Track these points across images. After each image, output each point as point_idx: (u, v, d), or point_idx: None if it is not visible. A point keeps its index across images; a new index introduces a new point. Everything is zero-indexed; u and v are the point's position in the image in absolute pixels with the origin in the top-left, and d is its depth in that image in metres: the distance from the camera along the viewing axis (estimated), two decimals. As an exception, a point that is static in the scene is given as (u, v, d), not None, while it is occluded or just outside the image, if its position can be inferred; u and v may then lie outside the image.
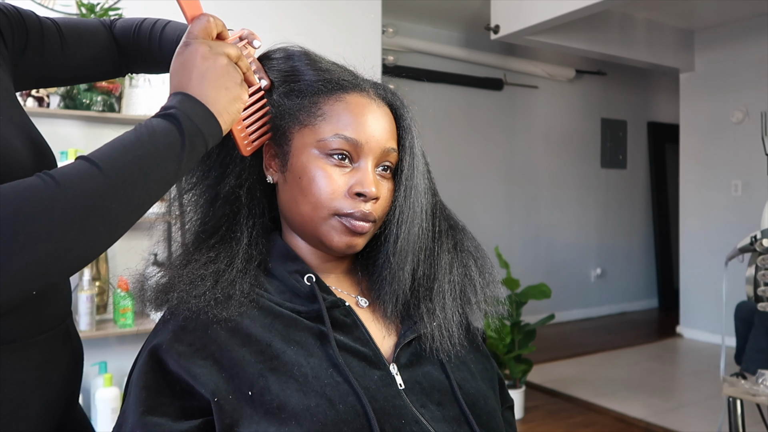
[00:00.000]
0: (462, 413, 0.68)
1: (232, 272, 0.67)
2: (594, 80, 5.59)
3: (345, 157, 0.68)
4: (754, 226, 1.85)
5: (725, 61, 4.55)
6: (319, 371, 0.63)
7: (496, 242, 4.03)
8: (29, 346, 0.67)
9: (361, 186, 0.67)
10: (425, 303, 0.72)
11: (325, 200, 0.68)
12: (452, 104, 4.73)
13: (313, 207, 0.68)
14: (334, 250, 0.70)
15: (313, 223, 0.69)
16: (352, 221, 0.68)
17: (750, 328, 2.24)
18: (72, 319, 0.78)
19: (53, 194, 0.52)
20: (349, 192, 0.68)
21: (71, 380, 0.75)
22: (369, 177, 0.68)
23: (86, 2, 2.27)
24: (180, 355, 0.61)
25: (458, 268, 0.75)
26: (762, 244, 1.55)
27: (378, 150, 0.69)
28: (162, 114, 0.62)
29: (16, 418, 0.66)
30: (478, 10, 4.14)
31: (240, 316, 0.64)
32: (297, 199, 0.69)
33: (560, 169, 5.39)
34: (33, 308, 0.67)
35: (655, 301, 6.02)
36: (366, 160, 0.69)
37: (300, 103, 0.71)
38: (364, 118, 0.69)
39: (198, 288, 0.64)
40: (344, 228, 0.68)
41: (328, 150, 0.68)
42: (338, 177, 0.68)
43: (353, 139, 0.68)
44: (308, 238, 0.72)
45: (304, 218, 0.69)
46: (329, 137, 0.68)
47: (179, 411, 0.60)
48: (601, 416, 3.13)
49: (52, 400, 0.70)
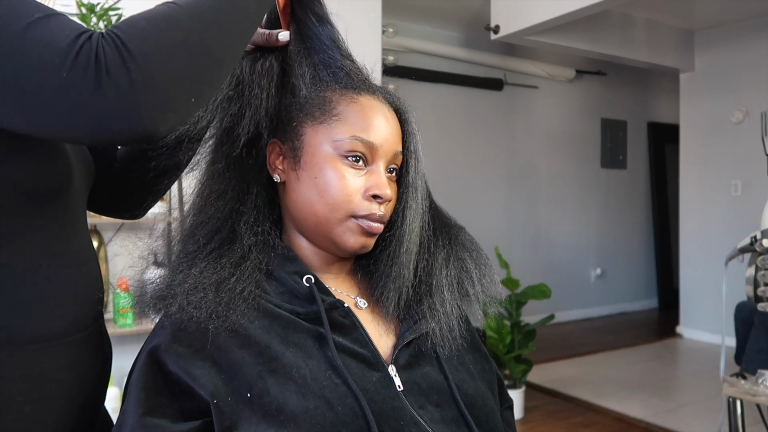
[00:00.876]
0: (461, 414, 0.68)
1: (234, 281, 0.66)
2: (594, 80, 5.59)
3: (359, 158, 0.69)
4: (754, 226, 1.85)
5: (725, 61, 4.54)
6: (318, 373, 0.63)
7: (496, 242, 4.03)
8: (67, 345, 0.68)
9: (378, 189, 0.69)
10: (427, 300, 0.73)
11: (343, 202, 0.68)
12: (452, 104, 4.73)
13: (330, 208, 0.68)
14: (348, 251, 0.71)
15: (328, 224, 0.69)
16: (369, 223, 0.69)
17: (750, 328, 2.24)
18: (103, 320, 0.79)
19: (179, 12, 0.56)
20: (365, 194, 0.69)
21: (103, 380, 0.76)
22: (384, 180, 0.70)
23: (86, 2, 2.27)
24: (179, 356, 0.61)
25: (454, 261, 0.77)
26: (762, 244, 1.55)
27: (390, 153, 0.71)
28: None
29: (53, 417, 0.67)
30: (478, 10, 4.14)
31: (239, 317, 0.64)
32: (312, 200, 0.69)
33: (560, 170, 5.39)
34: (71, 307, 0.68)
35: (655, 301, 6.01)
36: (379, 162, 0.70)
37: (311, 96, 0.71)
38: (378, 122, 0.70)
39: (198, 298, 0.63)
40: (360, 229, 0.69)
41: (344, 151, 0.69)
42: (354, 179, 0.69)
43: (369, 142, 0.69)
44: (319, 239, 0.72)
45: (319, 219, 0.69)
46: (346, 138, 0.68)
47: (179, 412, 0.60)
48: (601, 416, 3.13)
49: (87, 399, 0.71)
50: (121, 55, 0.51)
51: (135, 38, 0.52)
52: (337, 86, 0.71)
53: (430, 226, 0.77)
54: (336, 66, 0.72)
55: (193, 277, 0.65)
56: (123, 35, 0.52)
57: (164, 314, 0.65)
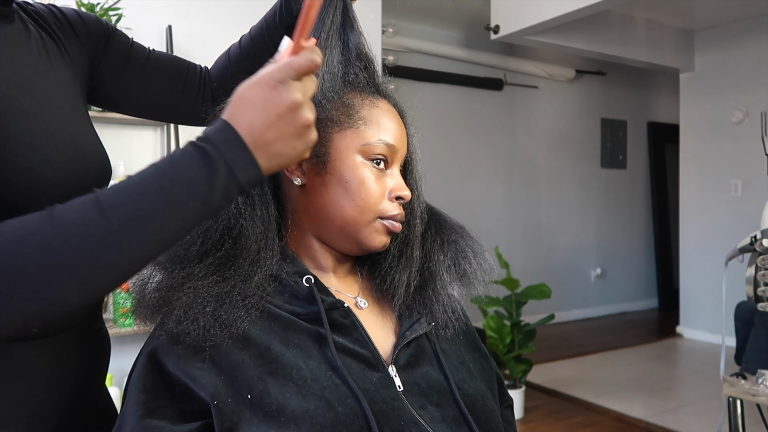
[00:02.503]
0: (461, 414, 0.68)
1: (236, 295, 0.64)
2: (594, 80, 5.59)
3: (382, 161, 0.72)
4: (754, 226, 1.85)
5: (725, 61, 4.54)
6: (318, 374, 0.63)
7: (496, 242, 4.03)
8: (45, 343, 0.69)
9: (400, 190, 0.72)
10: (430, 285, 0.76)
11: (373, 204, 0.70)
12: (452, 104, 4.73)
13: (360, 210, 0.70)
14: (371, 250, 0.73)
15: (356, 226, 0.71)
16: (394, 223, 0.72)
17: (750, 328, 2.24)
18: (97, 321, 0.80)
19: (47, 237, 0.50)
20: (389, 196, 0.72)
21: (93, 377, 0.77)
22: (402, 182, 0.73)
23: (86, 2, 2.27)
24: (179, 357, 0.61)
25: (447, 244, 0.79)
26: (762, 244, 1.54)
27: (403, 155, 0.75)
28: (198, 151, 0.53)
29: (28, 413, 0.68)
30: (478, 10, 4.14)
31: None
32: (341, 202, 0.70)
33: (560, 169, 5.39)
34: None
35: (655, 301, 6.01)
36: (396, 164, 0.74)
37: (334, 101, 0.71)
38: (395, 125, 0.73)
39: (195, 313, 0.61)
40: (386, 229, 0.72)
41: (372, 155, 0.71)
42: (380, 181, 0.71)
43: (393, 145, 0.72)
44: (341, 240, 0.72)
45: (347, 221, 0.70)
46: (374, 142, 0.71)
47: (178, 414, 0.60)
48: (601, 416, 3.13)
49: (70, 397, 0.73)
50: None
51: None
52: (356, 91, 0.73)
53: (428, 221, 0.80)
54: (355, 71, 0.74)
55: (192, 289, 0.62)
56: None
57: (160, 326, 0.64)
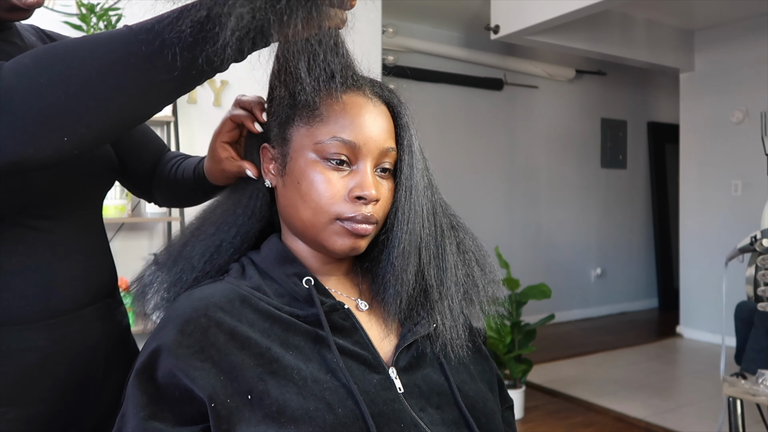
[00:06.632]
0: (462, 416, 0.68)
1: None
2: (594, 80, 5.59)
3: (342, 161, 0.67)
4: (754, 226, 1.85)
5: (725, 61, 4.54)
6: (318, 375, 0.62)
7: (496, 242, 4.03)
8: (38, 329, 0.72)
9: (360, 189, 0.66)
10: (438, 305, 0.72)
11: (326, 205, 0.66)
12: (452, 104, 4.73)
13: (314, 212, 0.67)
14: (337, 254, 0.69)
15: (314, 229, 0.68)
16: (354, 225, 0.66)
17: (750, 328, 2.24)
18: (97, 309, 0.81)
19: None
20: (349, 195, 0.67)
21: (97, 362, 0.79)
22: (368, 179, 0.67)
23: (86, 2, 2.27)
24: (179, 357, 0.61)
25: (462, 268, 0.75)
26: (762, 244, 1.54)
27: (376, 151, 0.68)
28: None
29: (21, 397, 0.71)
30: (478, 10, 4.14)
31: (239, 320, 0.64)
32: (297, 205, 0.68)
33: (560, 169, 5.38)
34: (40, 294, 0.73)
35: (655, 301, 6.01)
36: (364, 161, 0.68)
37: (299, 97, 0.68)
38: (362, 119, 0.67)
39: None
40: (346, 232, 0.67)
41: (325, 154, 0.66)
42: (337, 181, 0.67)
43: (351, 142, 0.66)
44: (309, 242, 0.71)
45: (305, 224, 0.68)
46: (326, 140, 0.66)
47: (179, 416, 0.60)
48: (601, 416, 3.13)
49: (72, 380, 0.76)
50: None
51: (10, 72, 0.53)
52: (324, 87, 0.66)
53: (437, 226, 0.73)
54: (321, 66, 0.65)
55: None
56: (4, 68, 0.54)
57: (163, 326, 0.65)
